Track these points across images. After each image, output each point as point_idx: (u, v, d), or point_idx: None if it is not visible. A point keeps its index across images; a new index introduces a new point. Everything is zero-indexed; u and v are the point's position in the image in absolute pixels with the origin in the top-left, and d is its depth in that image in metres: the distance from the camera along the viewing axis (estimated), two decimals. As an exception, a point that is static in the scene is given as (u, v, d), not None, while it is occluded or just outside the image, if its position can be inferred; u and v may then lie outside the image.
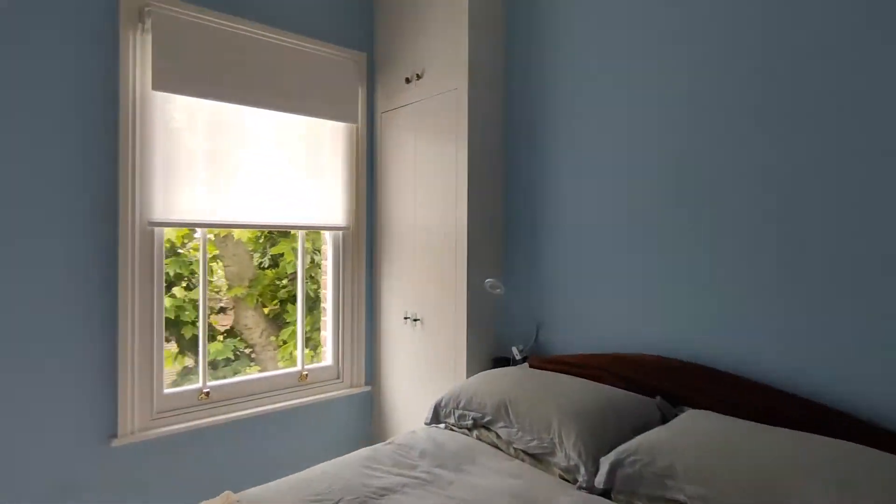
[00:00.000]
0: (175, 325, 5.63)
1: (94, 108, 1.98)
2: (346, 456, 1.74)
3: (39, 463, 1.91)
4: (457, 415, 1.91)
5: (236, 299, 6.64)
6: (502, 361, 2.33)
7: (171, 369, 5.89)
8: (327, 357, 2.80)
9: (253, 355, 6.01)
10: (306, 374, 2.66)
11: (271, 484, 1.57)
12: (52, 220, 1.92)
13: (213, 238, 6.07)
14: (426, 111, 2.51)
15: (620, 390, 1.79)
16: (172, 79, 2.13)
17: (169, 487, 2.16)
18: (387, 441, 1.87)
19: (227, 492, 1.52)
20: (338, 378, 2.78)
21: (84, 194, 1.98)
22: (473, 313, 2.30)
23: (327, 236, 2.78)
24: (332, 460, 1.72)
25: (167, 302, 5.21)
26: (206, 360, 2.44)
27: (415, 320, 2.56)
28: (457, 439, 1.82)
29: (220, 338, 5.82)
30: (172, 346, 5.94)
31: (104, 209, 2.02)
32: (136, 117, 2.07)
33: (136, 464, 2.10)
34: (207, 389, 2.34)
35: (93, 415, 2.02)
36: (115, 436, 2.06)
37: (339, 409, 2.73)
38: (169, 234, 5.20)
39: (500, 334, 2.42)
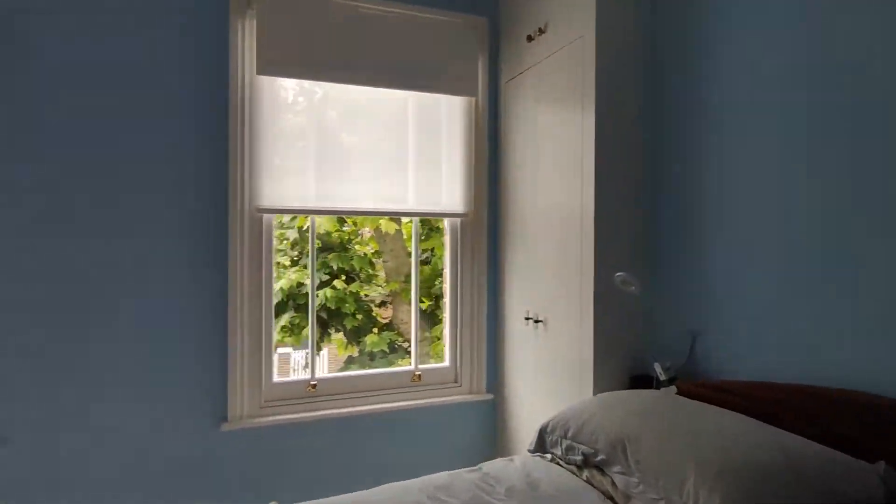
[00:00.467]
0: (337, 316, 6.01)
1: (206, 95, 2.02)
2: (421, 479, 1.45)
3: (159, 441, 2.00)
4: (564, 446, 1.48)
5: (394, 294, 6.83)
6: (643, 381, 1.81)
7: (341, 356, 6.28)
8: (444, 358, 2.55)
9: (409, 349, 6.13)
10: (420, 375, 2.43)
11: (326, 500, 1.35)
12: (171, 206, 1.99)
13: (373, 233, 6.36)
14: (548, 71, 2.09)
15: (812, 443, 1.17)
16: (277, 63, 2.09)
17: (270, 476, 2.12)
18: (474, 467, 1.53)
19: (273, 502, 1.35)
20: (455, 382, 2.50)
21: (197, 183, 2.03)
22: (602, 317, 1.82)
23: (445, 224, 2.53)
24: (403, 482, 1.44)
25: (328, 293, 5.58)
26: (314, 349, 2.37)
27: (536, 321, 2.16)
28: (558, 479, 1.40)
29: (375, 330, 6.06)
30: (339, 336, 6.26)
31: (215, 196, 2.05)
32: (246, 103, 2.07)
33: (242, 449, 2.10)
34: (314, 382, 2.26)
35: (206, 399, 2.06)
36: (225, 420, 2.08)
37: (456, 416, 2.45)
38: (326, 226, 5.45)
39: (640, 345, 1.89)
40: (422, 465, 1.85)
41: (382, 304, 6.74)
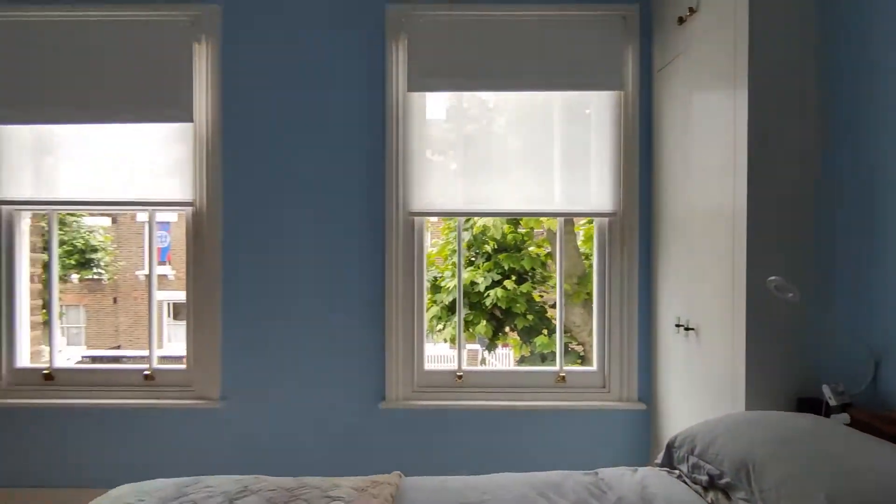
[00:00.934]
0: (509, 316, 6.15)
1: (365, 111, 2.33)
2: (533, 474, 1.48)
3: (325, 419, 2.36)
4: (691, 463, 1.36)
5: (567, 296, 6.74)
6: (811, 405, 1.54)
7: (517, 356, 6.41)
8: (592, 362, 2.48)
9: (582, 352, 5.99)
10: (563, 377, 2.42)
11: (443, 478, 1.47)
12: (346, 207, 2.34)
13: (546, 233, 6.34)
14: (700, 55, 1.91)
15: None
16: (426, 79, 2.30)
17: (414, 452, 2.32)
18: (591, 471, 1.50)
19: (397, 472, 1.51)
20: (603, 387, 2.42)
21: (360, 191, 2.34)
22: (756, 327, 1.60)
23: (594, 224, 2.47)
24: (516, 474, 1.48)
25: (499, 293, 5.75)
26: (462, 342, 2.52)
27: (688, 329, 1.98)
28: (676, 498, 1.29)
29: (545, 331, 6.03)
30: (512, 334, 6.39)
31: (374, 202, 2.34)
32: (399, 117, 2.32)
33: (395, 426, 2.35)
34: (461, 373, 2.41)
35: (369, 381, 2.36)
36: (383, 399, 2.36)
37: (604, 423, 2.37)
38: (501, 227, 5.61)
39: (809, 364, 1.61)
40: (560, 466, 1.85)
41: (555, 305, 6.72)
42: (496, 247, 6.27)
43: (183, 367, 2.40)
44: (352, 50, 2.33)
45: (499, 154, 2.38)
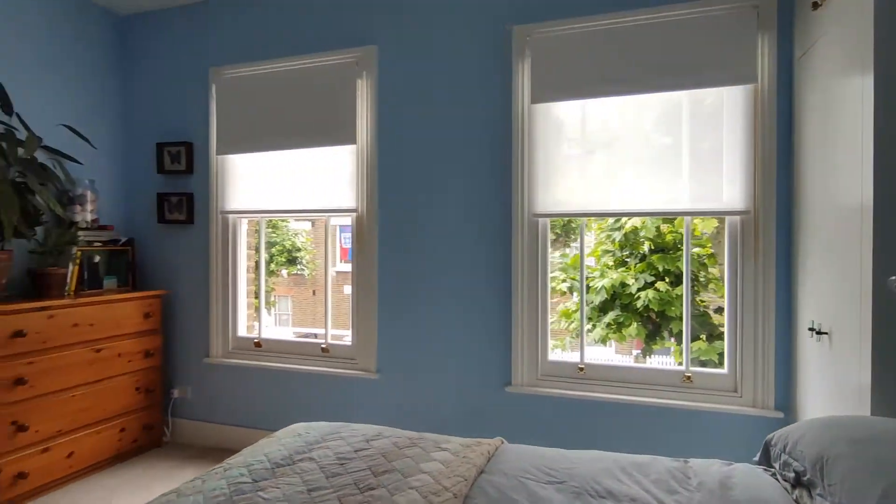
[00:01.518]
0: (665, 319, 5.87)
1: (496, 123, 2.60)
2: (625, 455, 1.60)
3: (459, 395, 2.68)
4: (782, 460, 1.36)
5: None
6: (955, 420, 1.39)
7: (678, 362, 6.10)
8: (724, 364, 2.40)
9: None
10: (689, 377, 2.39)
11: (541, 449, 1.68)
12: (478, 211, 2.66)
13: (708, 232, 5.91)
14: (832, 39, 1.79)
15: None
16: (548, 92, 2.49)
17: (536, 435, 2.50)
18: (682, 458, 1.56)
19: (500, 438, 1.75)
20: (734, 391, 2.34)
21: (489, 191, 2.62)
22: (883, 330, 1.49)
23: (726, 222, 2.39)
24: (610, 452, 1.62)
25: (650, 294, 5.56)
26: (584, 336, 2.63)
27: (820, 333, 1.86)
28: (756, 490, 1.31)
29: (703, 336, 5.63)
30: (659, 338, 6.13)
31: (502, 205, 2.60)
32: (524, 127, 2.55)
33: (519, 409, 2.58)
34: (582, 366, 2.54)
35: (496, 366, 2.64)
36: (509, 384, 2.61)
37: (734, 427, 2.30)
38: (649, 228, 5.45)
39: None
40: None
41: (720, 309, 6.18)
42: (652, 247, 6.04)
43: (350, 343, 2.94)
44: (483, 70, 2.62)
45: (623, 154, 2.46)
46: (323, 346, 2.99)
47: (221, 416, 3.17)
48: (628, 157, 2.45)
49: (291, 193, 3.03)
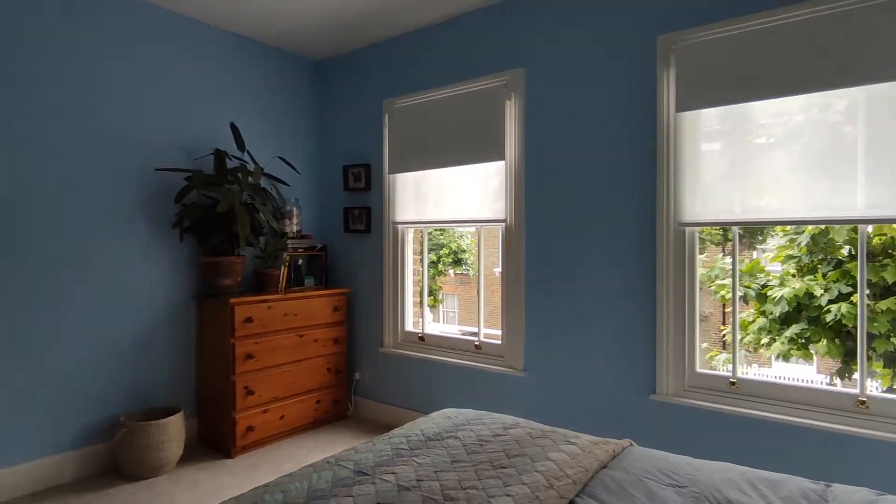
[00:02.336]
0: (868, 338, 5.03)
1: (640, 133, 2.63)
2: (758, 470, 1.59)
3: (608, 401, 2.76)
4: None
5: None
6: None
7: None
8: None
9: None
10: (864, 401, 2.16)
11: (667, 454, 1.74)
12: (623, 219, 2.72)
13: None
14: None
15: None
16: (695, 99, 2.45)
17: (682, 448, 2.47)
18: (823, 482, 1.50)
19: (629, 439, 1.84)
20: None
21: (633, 200, 2.66)
22: None
23: (914, 231, 2.10)
24: (742, 466, 1.62)
25: (843, 308, 4.84)
26: (737, 349, 2.51)
27: None
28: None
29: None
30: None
31: (646, 212, 2.62)
32: (669, 136, 2.54)
33: (665, 419, 2.58)
34: (734, 380, 2.44)
35: (640, 374, 2.67)
36: (654, 392, 2.62)
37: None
38: (839, 232, 4.81)
39: None
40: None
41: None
42: (853, 251, 5.22)
43: (500, 342, 3.21)
44: (626, 82, 2.68)
45: (779, 160, 2.31)
46: (476, 343, 3.30)
47: (390, 397, 3.69)
48: (787, 160, 2.29)
49: (449, 205, 3.41)
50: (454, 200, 3.39)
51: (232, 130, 3.40)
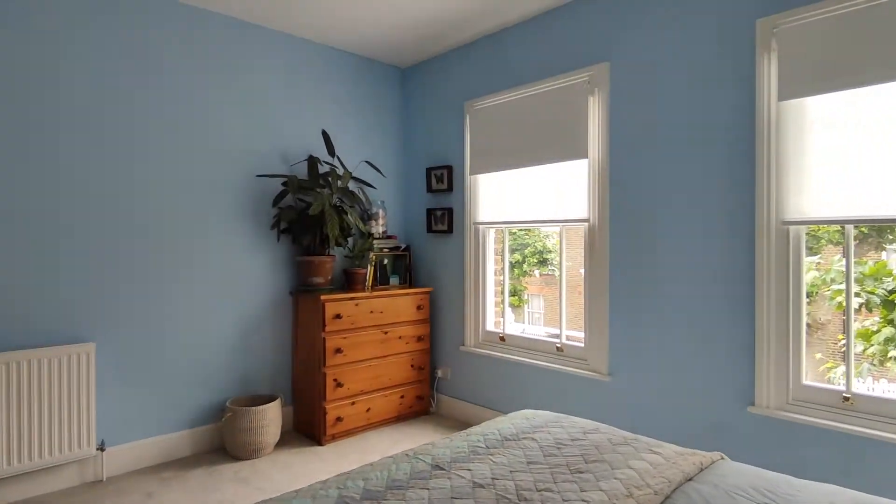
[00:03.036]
0: None
1: (735, 125, 2.45)
2: (870, 496, 1.43)
3: (700, 412, 2.60)
4: None
5: None
6: None
7: None
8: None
9: None
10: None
11: (763, 471, 1.61)
12: (715, 217, 2.56)
13: None
14: None
15: None
16: (799, 86, 2.24)
17: (786, 468, 2.27)
18: (956, 516, 1.32)
19: (720, 452, 1.73)
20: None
21: (727, 198, 2.49)
22: None
23: None
24: (847, 489, 1.47)
25: None
26: (851, 362, 2.26)
27: None
28: None
29: None
30: None
31: (742, 210, 2.44)
32: (770, 127, 2.34)
33: (764, 434, 2.38)
34: (848, 395, 2.21)
35: (736, 384, 2.48)
36: (752, 404, 2.43)
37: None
38: None
39: None
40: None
41: None
42: None
43: (582, 345, 3.14)
44: (720, 71, 2.51)
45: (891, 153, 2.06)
46: (558, 345, 3.25)
47: (470, 395, 3.73)
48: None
49: (530, 205, 3.38)
50: (535, 200, 3.36)
51: (323, 137, 3.61)
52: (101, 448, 2.81)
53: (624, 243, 2.89)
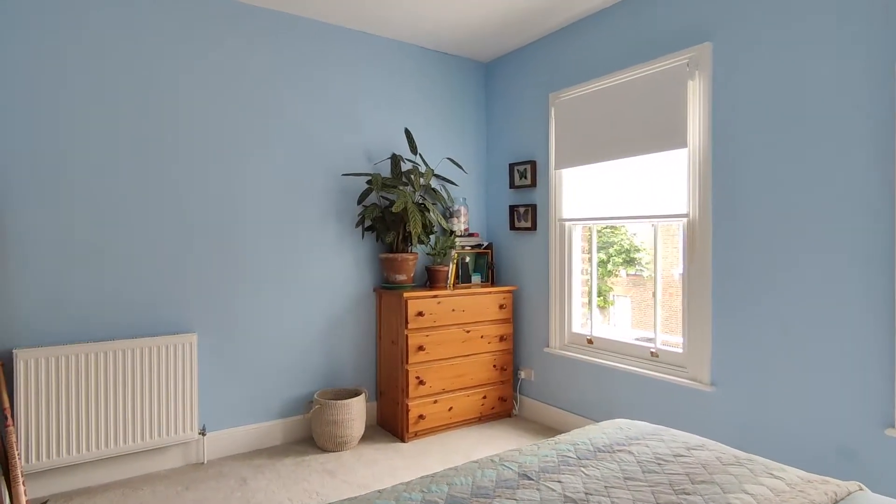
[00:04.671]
0: None
1: (870, 99, 2.12)
2: None
3: (827, 432, 2.29)
4: None
5: None
6: None
7: None
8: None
9: None
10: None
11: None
12: (839, 207, 2.25)
13: None
14: None
15: None
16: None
17: None
18: None
19: (858, 483, 1.49)
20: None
21: (862, 186, 2.16)
22: None
23: None
24: None
25: None
26: None
27: None
28: None
29: None
30: None
31: (882, 203, 2.11)
32: (917, 106, 2.00)
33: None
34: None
35: (869, 402, 2.16)
36: (891, 426, 2.10)
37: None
38: None
39: None
40: None
41: None
42: None
43: (680, 350, 2.89)
44: (854, 40, 2.18)
45: None
46: (652, 350, 3.02)
47: (555, 399, 3.57)
48: None
49: (621, 200, 3.18)
50: (625, 195, 3.14)
51: (406, 135, 3.61)
52: (203, 433, 2.99)
53: (730, 239, 2.62)
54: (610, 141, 3.18)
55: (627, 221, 3.18)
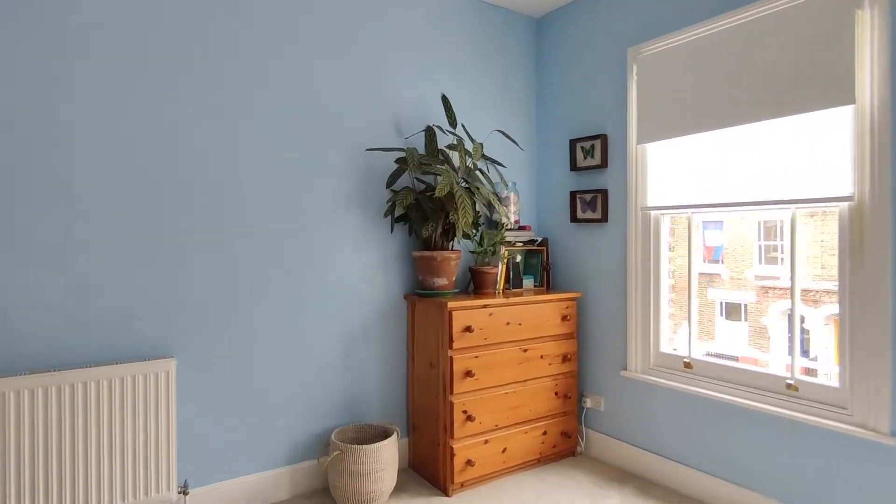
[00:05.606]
0: None
1: None
2: None
3: None
4: None
5: None
6: None
7: None
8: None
9: None
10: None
11: None
12: None
13: None
14: None
15: None
16: None
17: None
18: None
19: None
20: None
21: None
22: None
23: None
24: None
25: None
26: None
27: None
28: None
29: None
30: None
31: None
32: None
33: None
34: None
35: None
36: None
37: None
38: None
39: None
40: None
41: None
42: None
43: (837, 384, 2.12)
44: None
45: None
46: (789, 381, 2.25)
47: (638, 437, 2.81)
48: None
49: (736, 180, 2.41)
50: (744, 173, 2.38)
51: (443, 103, 2.84)
52: (184, 491, 2.23)
53: None
54: (719, 104, 2.41)
55: (752, 209, 2.40)
